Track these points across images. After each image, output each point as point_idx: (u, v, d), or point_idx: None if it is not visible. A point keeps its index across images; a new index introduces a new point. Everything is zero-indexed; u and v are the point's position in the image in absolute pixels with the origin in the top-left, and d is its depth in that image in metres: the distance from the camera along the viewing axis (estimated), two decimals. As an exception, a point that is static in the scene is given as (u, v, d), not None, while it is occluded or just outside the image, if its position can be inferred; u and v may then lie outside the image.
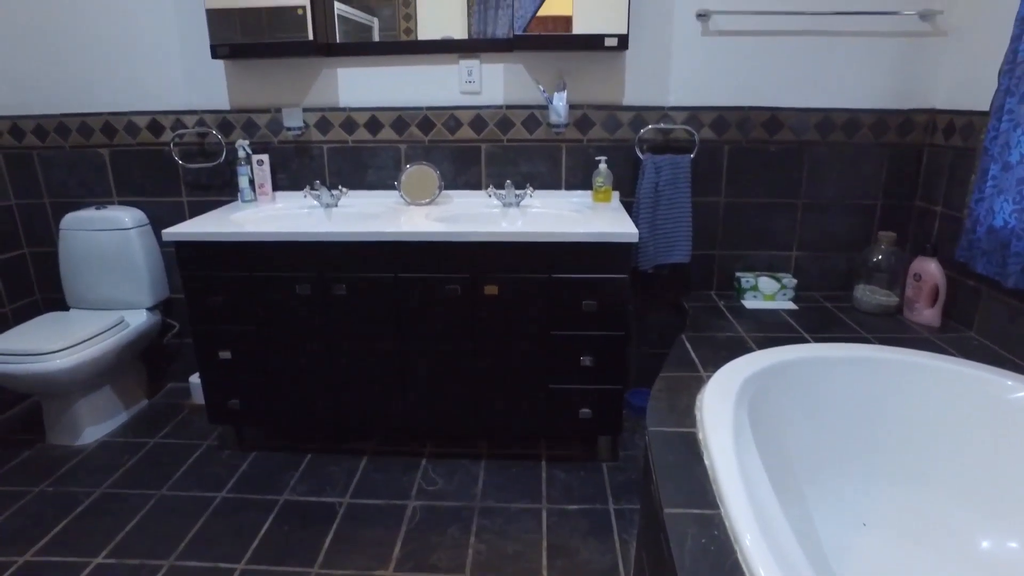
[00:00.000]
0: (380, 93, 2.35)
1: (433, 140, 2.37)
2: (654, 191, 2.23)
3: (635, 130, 2.29)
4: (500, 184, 2.38)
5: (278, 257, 1.99)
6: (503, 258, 1.93)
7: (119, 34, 2.38)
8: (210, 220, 2.14)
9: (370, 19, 2.28)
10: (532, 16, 2.08)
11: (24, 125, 2.52)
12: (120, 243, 2.46)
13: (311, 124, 2.39)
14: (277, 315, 2.06)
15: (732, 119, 2.27)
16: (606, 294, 1.94)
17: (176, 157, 2.47)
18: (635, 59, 2.24)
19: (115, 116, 2.46)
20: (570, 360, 2.02)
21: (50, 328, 2.31)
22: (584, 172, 2.35)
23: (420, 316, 2.01)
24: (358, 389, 2.12)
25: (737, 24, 2.18)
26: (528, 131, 2.33)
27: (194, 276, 2.04)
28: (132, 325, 2.44)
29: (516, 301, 1.97)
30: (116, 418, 2.50)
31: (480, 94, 2.31)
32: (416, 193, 2.31)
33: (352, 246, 1.96)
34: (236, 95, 2.41)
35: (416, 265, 1.96)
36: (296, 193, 2.45)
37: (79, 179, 2.56)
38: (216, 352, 2.11)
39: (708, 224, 2.37)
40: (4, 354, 2.13)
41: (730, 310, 2.21)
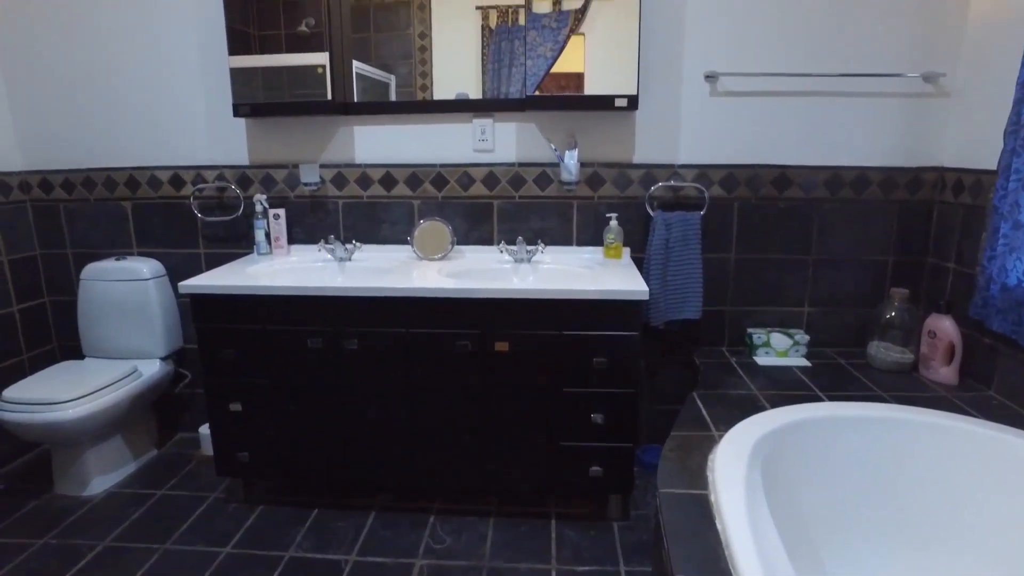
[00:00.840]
0: (395, 150, 2.41)
1: (446, 196, 2.41)
2: (665, 247, 2.24)
3: (645, 187, 2.33)
4: (512, 240, 2.41)
5: (291, 311, 2.01)
6: (514, 314, 1.94)
7: (148, 93, 2.48)
8: (226, 273, 2.17)
9: (387, 76, 2.36)
10: (545, 74, 2.15)
11: (53, 179, 2.61)
12: (138, 293, 2.50)
13: (327, 180, 2.45)
14: (289, 368, 2.07)
15: (742, 177, 2.30)
16: (617, 351, 1.94)
17: (196, 210, 2.53)
18: (645, 118, 2.29)
19: (139, 170, 2.55)
20: (580, 417, 2.00)
21: (64, 377, 2.33)
22: (595, 229, 2.38)
23: (431, 372, 2.01)
24: (368, 444, 2.11)
25: (744, 85, 2.24)
26: (540, 188, 2.37)
27: (208, 328, 2.06)
28: (145, 375, 2.45)
29: (526, 358, 1.97)
30: (124, 468, 2.49)
31: (493, 152, 2.37)
32: (429, 248, 2.34)
33: (364, 301, 1.98)
34: (256, 151, 2.48)
35: (427, 320, 1.97)
36: (311, 247, 2.49)
37: (101, 231, 2.63)
38: (227, 404, 2.12)
39: (719, 280, 2.38)
40: (18, 403, 2.15)
41: (742, 367, 2.19)
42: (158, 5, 2.40)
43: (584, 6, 2.11)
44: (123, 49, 2.46)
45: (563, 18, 2.12)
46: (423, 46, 2.30)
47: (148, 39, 2.44)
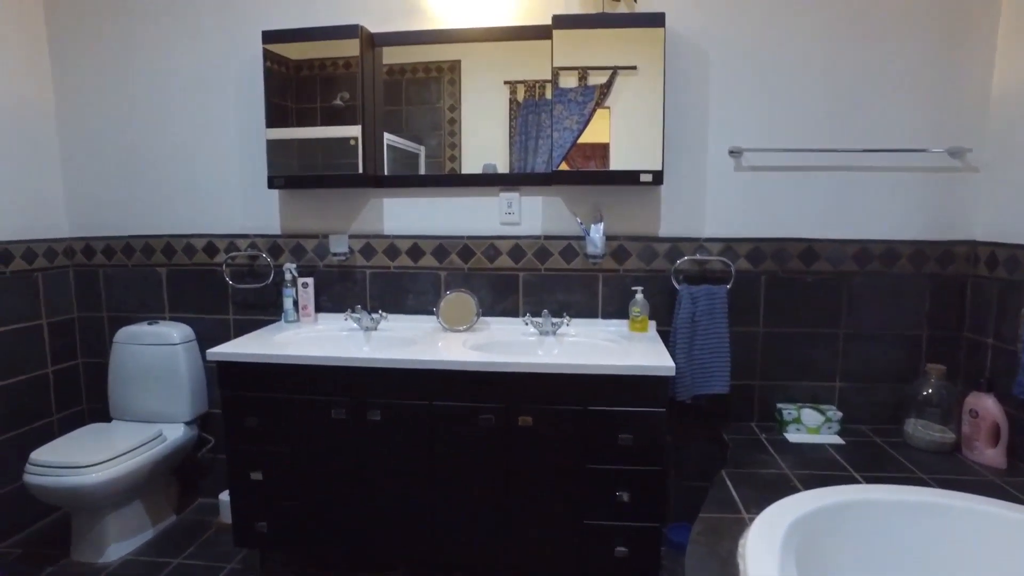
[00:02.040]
0: (423, 221, 2.46)
1: (472, 268, 2.44)
2: (691, 321, 2.22)
3: (671, 261, 2.33)
4: (537, 312, 2.41)
5: (315, 380, 2.02)
6: (538, 388, 1.92)
7: (188, 164, 2.59)
8: (253, 341, 2.20)
9: (417, 147, 2.43)
10: (571, 146, 2.19)
11: (95, 245, 2.71)
12: (167, 358, 2.54)
13: (356, 250, 2.50)
14: (311, 438, 2.06)
15: (768, 250, 2.29)
16: (643, 427, 1.90)
17: (227, 277, 2.59)
18: (670, 192, 2.32)
19: (176, 238, 2.63)
20: (605, 495, 1.95)
21: (90, 440, 2.35)
22: (620, 301, 2.37)
23: (453, 445, 1.99)
24: (388, 517, 2.06)
25: (769, 160, 2.26)
26: (565, 261, 2.39)
27: (234, 395, 2.08)
28: (169, 439, 2.46)
29: (550, 433, 1.94)
30: (143, 535, 2.46)
31: (519, 224, 2.40)
32: (454, 319, 2.35)
33: (388, 372, 1.98)
34: (287, 221, 2.55)
35: (451, 393, 1.96)
36: (338, 315, 2.52)
37: (137, 295, 2.70)
38: (248, 473, 2.10)
39: (747, 354, 2.34)
40: (44, 466, 2.16)
41: (772, 443, 2.13)
42: (203, 80, 2.54)
43: (609, 81, 2.17)
44: (169, 122, 2.59)
45: (589, 92, 2.18)
46: (452, 118, 2.37)
47: (192, 113, 2.56)
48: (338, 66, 2.30)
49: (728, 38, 2.23)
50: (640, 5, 2.22)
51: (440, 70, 2.36)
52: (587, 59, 2.16)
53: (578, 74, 2.17)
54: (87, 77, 2.63)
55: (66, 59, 2.64)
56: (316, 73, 2.33)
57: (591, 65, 2.16)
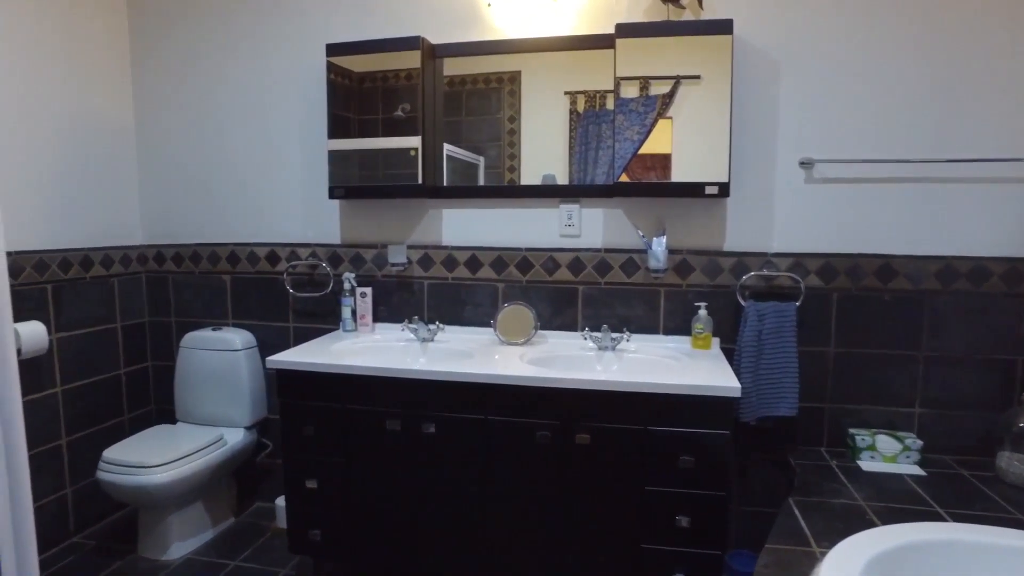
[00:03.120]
0: (482, 233, 2.44)
1: (531, 280, 2.41)
2: (757, 339, 2.13)
3: (737, 276, 2.24)
4: (596, 326, 2.35)
5: (371, 391, 2.02)
6: (596, 406, 1.87)
7: (254, 175, 2.66)
8: (311, 350, 2.22)
9: (476, 158, 2.42)
10: (632, 157, 2.14)
11: (166, 252, 2.81)
12: (229, 363, 2.60)
13: (414, 260, 2.51)
14: (366, 449, 2.06)
15: (841, 266, 2.17)
16: (705, 450, 1.82)
17: (288, 286, 2.64)
18: (737, 205, 2.23)
19: (240, 246, 2.70)
20: (665, 519, 1.87)
21: (157, 441, 2.43)
22: (683, 317, 2.29)
23: (508, 461, 1.95)
24: (441, 530, 2.04)
25: (843, 172, 2.15)
26: (626, 274, 2.33)
27: (291, 403, 2.10)
28: (230, 443, 2.52)
29: (608, 452, 1.88)
30: (203, 535, 2.52)
31: (579, 237, 2.36)
32: (511, 332, 2.32)
33: (443, 385, 1.96)
34: (347, 231, 2.58)
35: (507, 408, 1.93)
36: (395, 326, 2.53)
37: (203, 302, 2.78)
38: (303, 481, 2.12)
39: (817, 375, 2.22)
40: (115, 464, 2.24)
41: (844, 471, 2.01)
42: (269, 94, 2.61)
43: (672, 91, 2.10)
44: (236, 135, 2.67)
45: (650, 103, 2.13)
46: (512, 129, 2.35)
47: (258, 126, 2.64)
48: (399, 77, 2.32)
49: (799, 43, 2.14)
50: (706, 12, 2.15)
51: (500, 81, 2.35)
52: (650, 68, 2.11)
53: (639, 84, 2.12)
54: (163, 95, 2.74)
55: (145, 79, 2.76)
56: (378, 85, 2.35)
57: (654, 75, 2.11)
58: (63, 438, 2.49)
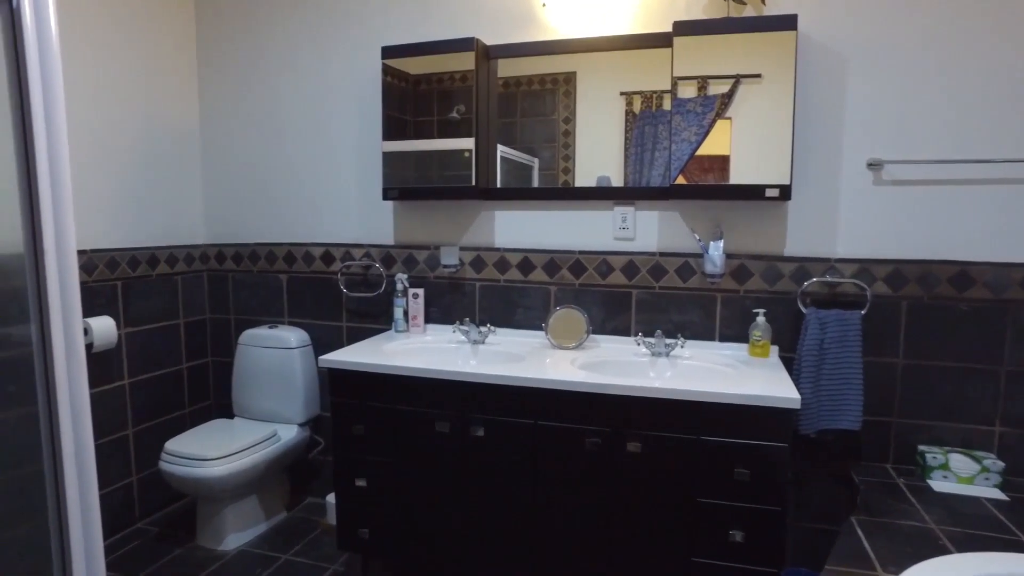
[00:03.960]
0: (534, 235, 2.42)
1: (583, 284, 2.37)
2: (819, 348, 2.04)
3: (797, 282, 2.15)
4: (649, 332, 2.30)
5: (421, 392, 2.03)
6: (649, 413, 1.82)
7: (311, 177, 2.72)
8: (363, 350, 2.25)
9: (531, 159, 2.40)
10: (689, 159, 2.08)
11: (226, 251, 2.90)
12: (284, 361, 2.66)
13: (466, 262, 2.51)
14: (415, 450, 2.06)
15: (911, 273, 2.06)
16: (762, 462, 1.75)
17: (342, 286, 2.68)
18: (798, 208, 2.14)
19: (296, 246, 2.76)
20: (717, 533, 1.81)
21: (215, 435, 2.50)
22: (740, 324, 2.22)
23: (557, 466, 1.92)
24: (488, 533, 2.03)
25: (914, 173, 2.03)
26: (681, 279, 2.27)
27: (343, 402, 2.13)
28: (283, 439, 2.57)
29: (660, 461, 1.83)
30: (257, 527, 2.59)
31: (634, 240, 2.31)
32: (563, 336, 2.29)
33: (493, 388, 1.95)
34: (400, 232, 2.60)
35: (557, 413, 1.90)
36: (446, 327, 2.53)
37: (260, 300, 2.85)
38: (353, 479, 2.14)
39: (883, 388, 2.11)
40: (176, 455, 2.32)
41: (913, 491, 1.90)
42: (326, 97, 2.65)
43: (731, 90, 2.04)
44: (294, 137, 2.73)
45: (708, 103, 2.06)
46: (567, 130, 2.33)
47: (315, 128, 2.69)
48: (454, 79, 2.32)
49: (868, 37, 2.04)
50: (769, 7, 2.08)
51: (555, 82, 2.33)
52: (708, 67, 2.04)
53: (697, 83, 2.06)
54: (226, 101, 2.83)
55: (210, 87, 2.86)
56: (433, 86, 2.36)
57: (712, 74, 2.04)
58: (129, 428, 2.60)
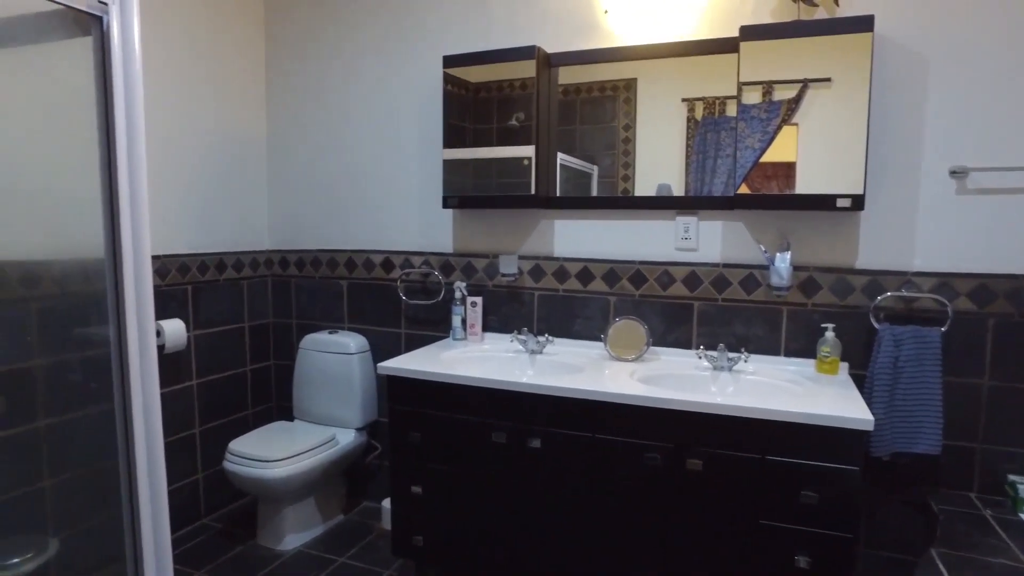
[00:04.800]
0: (594, 245, 2.40)
1: (644, 294, 2.33)
2: (893, 367, 1.93)
3: (870, 296, 2.05)
4: (711, 345, 2.24)
5: (478, 401, 2.02)
6: (710, 430, 1.76)
7: (371, 185, 2.76)
8: (421, 357, 2.26)
9: (590, 167, 2.38)
10: (752, 166, 2.02)
11: (289, 257, 2.97)
12: (343, 366, 2.70)
13: (525, 271, 2.50)
14: (471, 459, 2.06)
15: (1000, 288, 1.93)
16: (831, 485, 1.66)
17: (401, 293, 2.71)
18: (872, 219, 2.04)
19: (357, 253, 2.81)
20: (781, 557, 1.73)
21: (277, 437, 2.56)
22: (807, 339, 2.13)
23: (615, 481, 1.88)
24: (542, 547, 2.00)
25: (1004, 181, 1.91)
26: (745, 291, 2.20)
27: (400, 409, 2.14)
28: (341, 443, 2.61)
29: (722, 480, 1.77)
30: (314, 529, 2.63)
31: (696, 251, 2.25)
32: (622, 347, 2.25)
33: (551, 400, 1.92)
34: (460, 240, 2.62)
35: (615, 427, 1.86)
36: (504, 336, 2.53)
37: (321, 305, 2.92)
38: (409, 486, 2.15)
39: (967, 410, 1.98)
40: (239, 456, 2.39)
41: (1002, 524, 1.77)
42: (388, 106, 2.70)
43: (798, 96, 1.96)
44: (356, 145, 2.78)
45: (773, 109, 2.00)
46: (627, 137, 2.30)
47: (376, 136, 2.74)
48: (514, 87, 2.32)
49: (951, 37, 1.92)
50: (842, 8, 1.99)
51: (615, 89, 2.30)
52: (776, 72, 1.98)
53: (762, 89, 1.99)
54: (292, 111, 2.92)
55: (277, 98, 2.95)
56: (493, 95, 2.36)
57: (780, 78, 1.98)
58: (196, 427, 2.70)
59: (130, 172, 1.44)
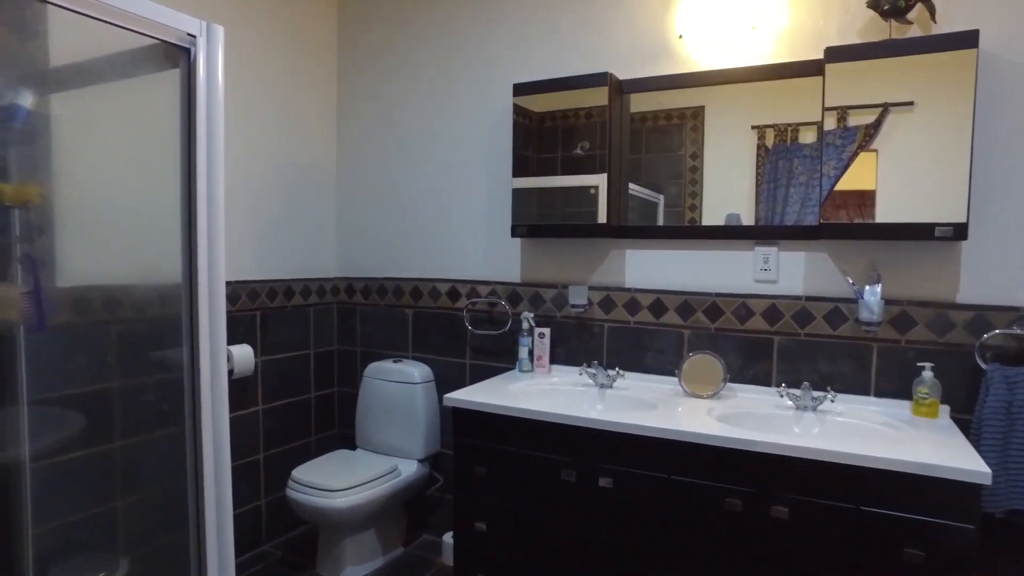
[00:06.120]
0: (667, 275, 2.31)
1: (720, 328, 2.22)
2: (1006, 413, 1.75)
3: (975, 334, 1.88)
4: (792, 382, 2.10)
5: (545, 437, 1.95)
6: (796, 475, 1.63)
7: (438, 214, 2.77)
8: (487, 389, 2.20)
9: (656, 196, 2.32)
10: (827, 195, 1.91)
11: (356, 285, 3.00)
12: (407, 396, 2.67)
13: (594, 302, 2.43)
14: (538, 497, 1.98)
15: None
16: (939, 544, 1.50)
17: (467, 322, 2.68)
18: (976, 249, 1.89)
19: (423, 281, 2.80)
20: (882, 621, 1.57)
21: (339, 466, 2.54)
22: (900, 379, 1.97)
23: (691, 527, 1.76)
24: (610, 594, 1.90)
25: None
26: (831, 326, 2.06)
27: (465, 443, 2.09)
28: (403, 475, 2.57)
29: (811, 532, 1.62)
30: (374, 561, 2.58)
31: (776, 283, 2.13)
32: (697, 383, 2.14)
33: (622, 437, 1.83)
34: (527, 269, 2.57)
35: (692, 468, 1.75)
36: (572, 368, 2.45)
37: (386, 334, 2.91)
38: (473, 522, 2.08)
39: (1090, 463, 1.78)
40: (302, 484, 2.37)
41: None
42: (456, 134, 2.71)
43: (878, 120, 1.85)
44: (424, 174, 2.80)
45: (849, 135, 1.89)
46: (694, 166, 2.23)
47: (444, 165, 2.74)
48: (579, 116, 2.29)
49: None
50: (940, 24, 1.87)
51: (682, 116, 2.24)
52: (860, 96, 1.88)
53: (837, 114, 1.90)
54: (362, 142, 2.97)
55: (347, 125, 3.01)
56: (559, 123, 2.35)
57: (862, 103, 1.87)
58: (261, 453, 2.71)
59: (208, 200, 1.46)
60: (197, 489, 1.54)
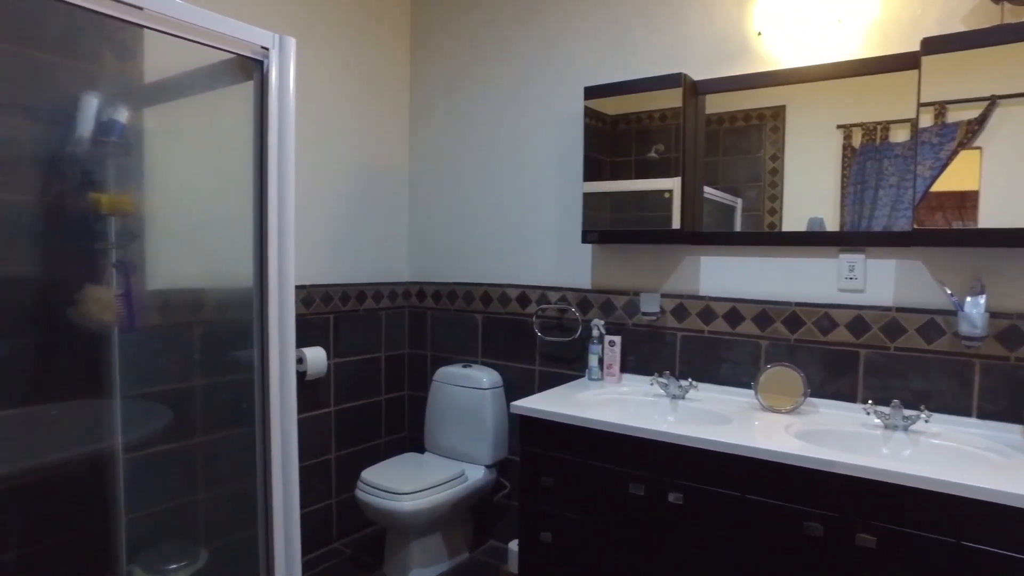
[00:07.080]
0: (743, 284, 2.21)
1: (800, 339, 2.10)
2: None
3: (1098, 352, 1.70)
4: (880, 399, 1.95)
5: (614, 448, 1.90)
6: (885, 501, 1.51)
7: (509, 219, 2.76)
8: (555, 398, 2.17)
9: (733, 200, 2.22)
10: (922, 197, 1.77)
11: (427, 289, 3.03)
12: (476, 401, 2.67)
13: (667, 310, 2.35)
14: (605, 510, 1.93)
15: None
16: (1054, 586, 1.35)
17: (536, 329, 2.66)
18: (1097, 259, 1.71)
19: (493, 287, 2.80)
20: (985, 666, 1.43)
21: (407, 469, 2.56)
22: (1008, 400, 1.80)
23: (767, 550, 1.67)
24: (680, 615, 1.82)
25: None
26: (925, 340, 1.90)
27: (532, 451, 2.06)
28: (471, 480, 2.57)
29: (903, 564, 1.50)
30: (439, 565, 2.59)
31: (863, 292, 2.00)
32: (775, 397, 2.03)
33: (694, 452, 1.76)
34: (598, 276, 2.52)
35: (768, 488, 1.66)
36: (642, 377, 2.38)
37: (455, 338, 2.93)
38: (538, 532, 2.05)
39: None
40: (371, 486, 2.41)
41: None
42: (527, 139, 2.69)
43: (983, 115, 1.70)
44: (495, 179, 2.80)
45: (947, 132, 1.74)
46: (774, 168, 2.13)
47: (516, 170, 2.74)
48: (653, 118, 2.23)
49: None
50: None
51: (761, 117, 2.14)
52: (960, 90, 1.73)
53: (934, 110, 1.76)
54: (434, 147, 3.00)
55: (419, 130, 3.05)
56: (632, 126, 2.29)
57: (964, 97, 1.72)
58: (332, 453, 2.78)
59: (279, 206, 1.50)
60: (266, 487, 1.58)
